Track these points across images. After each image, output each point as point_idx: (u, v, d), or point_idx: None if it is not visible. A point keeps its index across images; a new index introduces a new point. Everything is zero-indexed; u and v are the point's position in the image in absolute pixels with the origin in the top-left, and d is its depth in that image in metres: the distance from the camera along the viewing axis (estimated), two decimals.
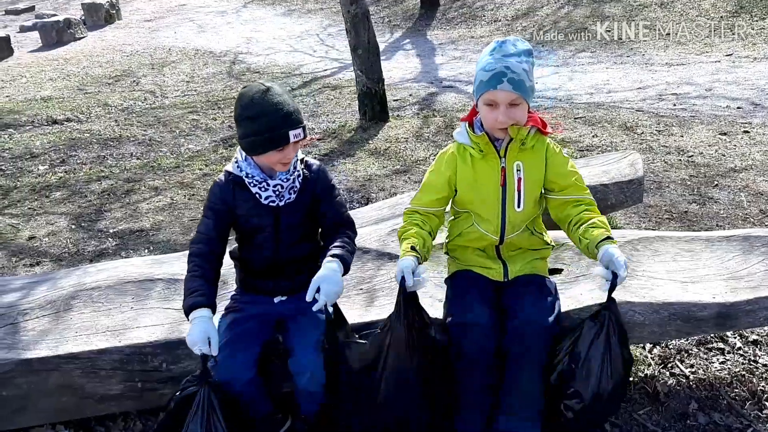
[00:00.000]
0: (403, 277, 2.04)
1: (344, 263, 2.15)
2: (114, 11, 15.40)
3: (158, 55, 11.86)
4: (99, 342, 2.31)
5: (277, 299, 2.32)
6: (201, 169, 5.69)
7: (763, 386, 2.61)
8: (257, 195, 2.18)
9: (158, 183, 5.37)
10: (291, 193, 2.22)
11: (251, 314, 2.27)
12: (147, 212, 4.75)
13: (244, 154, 2.19)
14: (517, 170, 2.23)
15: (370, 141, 6.30)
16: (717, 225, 4.07)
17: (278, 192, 2.19)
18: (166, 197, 5.03)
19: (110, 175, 5.64)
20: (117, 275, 2.66)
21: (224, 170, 2.26)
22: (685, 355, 2.82)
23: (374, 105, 6.92)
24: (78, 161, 6.17)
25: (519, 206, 2.25)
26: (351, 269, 2.24)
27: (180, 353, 2.30)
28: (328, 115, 7.57)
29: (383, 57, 7.24)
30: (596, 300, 2.35)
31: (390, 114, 7.12)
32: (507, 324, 2.18)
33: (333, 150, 6.12)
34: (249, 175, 2.17)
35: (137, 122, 7.55)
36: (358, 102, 7.07)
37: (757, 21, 9.70)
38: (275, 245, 2.25)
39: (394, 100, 7.93)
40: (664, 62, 8.92)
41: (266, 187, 2.18)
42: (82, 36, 13.76)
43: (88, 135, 7.03)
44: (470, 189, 2.28)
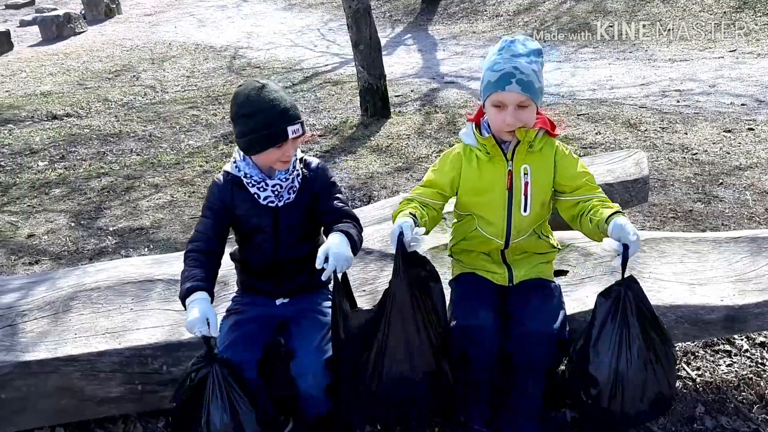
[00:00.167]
0: (402, 234, 1.96)
1: (349, 238, 2.05)
2: (114, 5, 15.36)
3: (158, 50, 11.82)
4: (98, 344, 2.28)
5: (279, 301, 2.28)
6: (201, 166, 5.66)
7: None
8: (256, 195, 2.15)
9: (158, 180, 5.34)
10: (290, 193, 2.18)
11: (253, 316, 2.24)
12: (147, 210, 4.72)
13: (243, 154, 2.16)
14: (524, 174, 2.18)
15: (372, 138, 6.26)
16: (722, 224, 4.04)
17: (277, 192, 2.16)
18: (167, 195, 5.00)
19: (110, 172, 5.61)
20: (116, 276, 2.63)
21: (223, 170, 2.22)
22: (692, 358, 2.79)
23: (376, 101, 6.88)
24: (78, 157, 6.13)
25: (525, 211, 2.21)
26: (353, 270, 2.20)
27: (180, 355, 2.27)
28: (329, 111, 7.53)
29: (384, 52, 7.20)
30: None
31: (392, 110, 7.08)
32: (511, 330, 2.15)
33: (334, 147, 6.09)
34: (247, 175, 2.14)
35: (137, 118, 7.51)
36: (360, 98, 7.03)
37: (761, 17, 9.64)
38: (275, 245, 2.21)
39: (396, 96, 7.88)
40: (667, 58, 8.87)
41: (265, 187, 2.14)
42: (82, 30, 13.72)
43: (88, 131, 7.00)
44: (475, 192, 2.23)
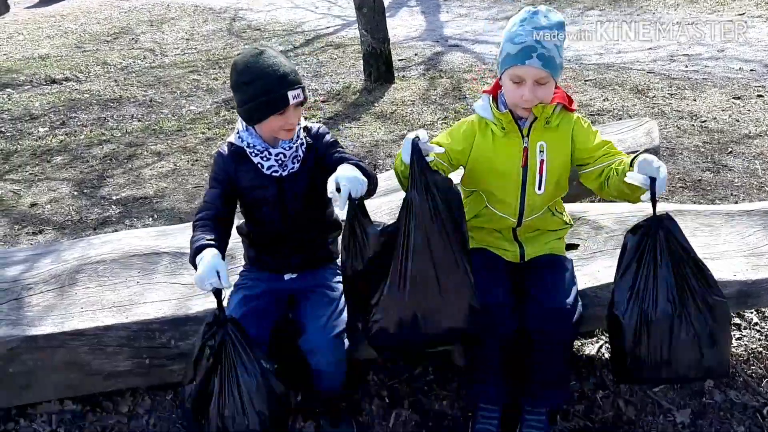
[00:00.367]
0: (416, 141, 1.88)
1: (359, 167, 1.96)
2: None
3: (157, 12, 11.63)
4: (105, 318, 2.26)
5: (287, 276, 2.26)
6: (204, 133, 5.59)
7: None
8: (259, 165, 2.10)
9: (160, 147, 5.28)
10: (295, 163, 2.14)
11: (261, 291, 2.22)
12: (150, 178, 4.67)
13: (246, 125, 2.11)
14: (540, 151, 2.13)
15: (376, 104, 6.18)
16: (732, 194, 4.00)
17: (281, 161, 2.11)
18: (169, 162, 4.95)
19: (111, 139, 5.54)
20: (122, 248, 2.60)
21: (227, 141, 2.17)
22: None
23: (379, 65, 6.77)
24: (78, 123, 6.06)
25: (540, 189, 2.16)
26: None
27: (188, 329, 2.26)
28: (332, 76, 7.42)
29: (387, 14, 7.06)
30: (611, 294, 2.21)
31: (395, 75, 6.98)
32: (527, 308, 2.13)
33: (338, 113, 6.00)
34: (250, 145, 2.09)
35: (137, 82, 7.41)
36: (363, 62, 6.91)
37: None
38: (281, 216, 2.17)
39: (399, 60, 7.77)
40: (675, 21, 8.72)
41: (268, 157, 2.09)
42: None
43: (88, 95, 6.91)
44: (487, 168, 2.17)
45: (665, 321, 1.95)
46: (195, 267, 1.94)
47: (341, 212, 1.88)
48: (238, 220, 2.32)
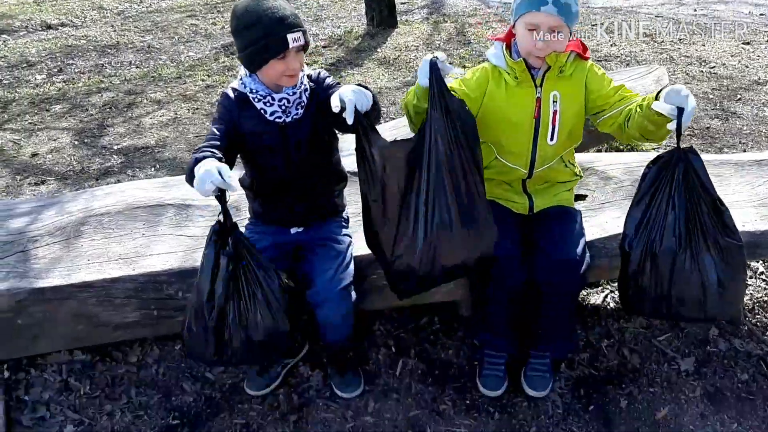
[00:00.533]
0: (434, 60, 1.81)
1: (360, 85, 1.91)
2: None
3: None
4: (112, 270, 2.26)
5: (294, 230, 2.25)
6: (203, 80, 5.50)
7: None
8: (262, 111, 2.06)
9: (160, 96, 5.20)
10: (298, 109, 2.09)
11: (269, 244, 2.20)
12: (151, 127, 4.62)
13: (248, 72, 2.06)
14: (554, 101, 2.08)
15: (379, 49, 6.06)
16: (740, 142, 3.95)
17: (284, 107, 2.06)
18: (170, 111, 4.88)
19: (110, 87, 5.46)
20: (126, 200, 2.59)
21: (230, 87, 2.13)
22: None
23: (382, 9, 6.63)
24: (76, 70, 5.97)
25: (552, 140, 2.12)
26: None
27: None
28: (333, 20, 7.27)
29: None
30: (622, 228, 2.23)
31: (398, 19, 6.83)
32: (535, 259, 2.13)
33: (340, 59, 5.90)
34: (253, 91, 2.04)
35: (134, 27, 7.27)
36: (365, 6, 6.76)
37: None
38: (285, 163, 2.13)
39: (401, 3, 7.60)
40: None
41: (271, 102, 2.05)
42: None
43: (85, 41, 6.79)
44: (499, 119, 2.12)
45: (668, 255, 1.89)
46: (192, 180, 1.82)
47: (350, 119, 1.79)
48: (240, 171, 2.29)
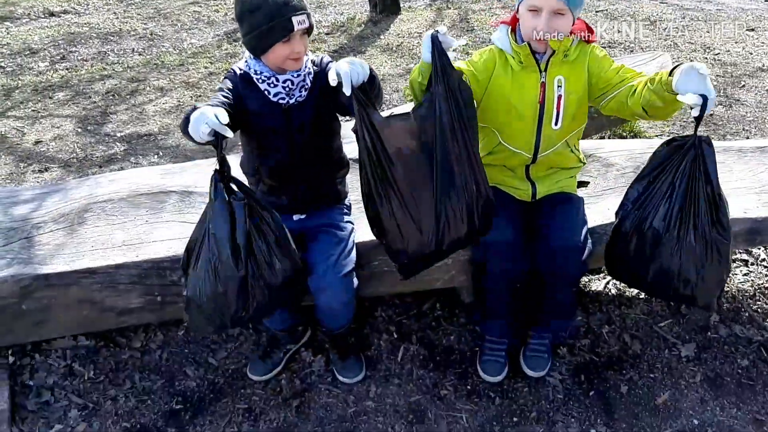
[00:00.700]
0: (435, 34, 1.78)
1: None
2: None
3: None
4: (115, 257, 2.27)
5: (296, 217, 2.25)
6: (206, 68, 5.50)
7: None
8: (266, 92, 2.06)
9: (163, 83, 5.20)
10: (302, 91, 2.09)
11: None
12: (154, 115, 4.62)
13: (253, 55, 2.06)
14: (558, 86, 2.07)
15: (382, 36, 6.04)
16: (743, 129, 3.95)
17: (288, 89, 2.06)
18: (173, 98, 4.88)
19: (113, 74, 5.46)
20: (129, 187, 2.60)
21: (236, 66, 2.12)
22: None
23: None
24: (79, 57, 5.96)
25: (556, 124, 2.11)
26: None
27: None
28: (336, 6, 7.25)
29: None
30: None
31: (401, 5, 6.80)
32: (537, 245, 2.14)
33: (342, 46, 5.88)
34: (257, 72, 2.04)
35: (137, 14, 7.25)
36: None
37: None
38: (288, 146, 2.13)
39: None
40: None
41: (275, 84, 2.05)
42: None
43: (87, 29, 6.77)
44: (503, 103, 2.11)
45: (654, 236, 1.91)
46: (187, 128, 1.78)
47: (348, 90, 1.76)
48: (238, 156, 2.30)
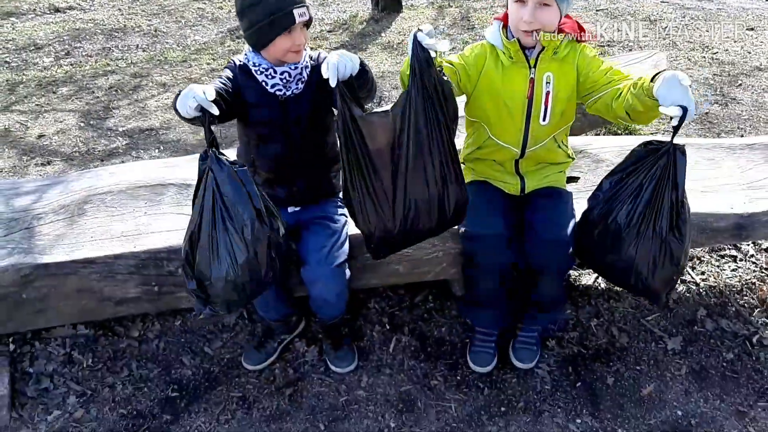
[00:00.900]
0: (416, 34, 1.77)
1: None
2: None
3: None
4: (114, 247, 2.32)
5: (291, 209, 2.30)
6: (209, 64, 5.55)
7: None
8: (264, 83, 2.11)
9: (166, 79, 5.26)
10: (299, 84, 2.14)
11: None
12: (156, 110, 4.68)
13: (253, 49, 2.11)
14: (547, 83, 2.11)
15: (383, 33, 6.08)
16: (738, 128, 3.97)
17: (285, 81, 2.11)
18: (175, 94, 4.93)
19: (117, 70, 5.52)
20: (129, 179, 2.65)
21: (235, 57, 2.17)
22: (697, 263, 2.83)
23: None
24: (83, 53, 6.02)
25: (544, 120, 2.15)
26: None
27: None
28: (338, 4, 7.29)
29: None
30: None
31: (403, 3, 6.84)
32: (526, 239, 2.18)
33: (344, 43, 5.93)
34: (256, 64, 2.09)
35: (141, 11, 7.31)
36: None
37: None
38: (284, 138, 2.17)
39: None
40: None
41: (273, 75, 2.10)
42: None
43: (92, 25, 6.83)
44: (493, 97, 2.15)
45: (615, 229, 1.98)
46: (177, 109, 1.85)
47: (333, 81, 1.79)
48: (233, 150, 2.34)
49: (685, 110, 1.72)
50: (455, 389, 2.31)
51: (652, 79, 1.83)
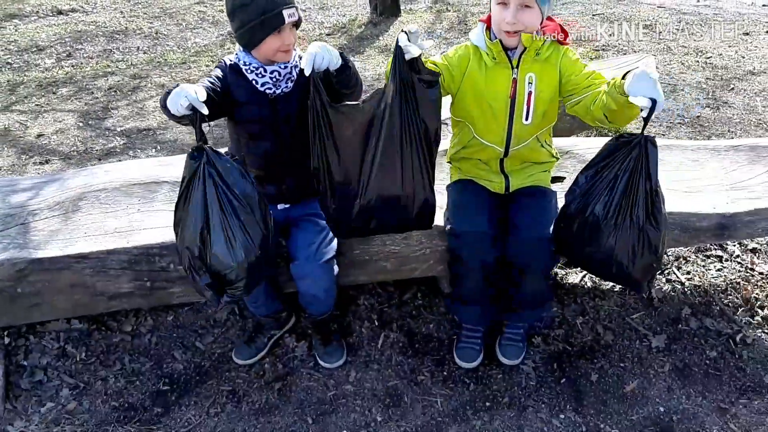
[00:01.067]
0: (398, 39, 1.85)
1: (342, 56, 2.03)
2: None
3: None
4: (107, 243, 2.36)
5: (281, 206, 2.34)
6: (207, 66, 5.60)
7: (758, 294, 2.66)
8: (254, 82, 2.15)
9: (164, 80, 5.31)
10: (288, 83, 2.19)
11: None
12: (154, 111, 4.73)
13: (243, 49, 2.16)
14: (529, 83, 2.15)
15: (381, 37, 6.13)
16: (729, 131, 4.01)
17: (275, 79, 2.16)
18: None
19: (116, 71, 5.58)
20: (123, 177, 2.69)
21: (227, 57, 2.22)
22: (683, 262, 2.86)
23: None
24: (84, 55, 6.08)
25: (527, 119, 2.20)
26: None
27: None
28: (338, 8, 7.35)
29: None
30: None
31: (402, 8, 6.89)
32: (509, 238, 2.22)
33: (342, 46, 5.98)
34: (246, 63, 2.14)
35: (143, 14, 7.37)
36: None
37: None
38: (274, 135, 2.22)
39: None
40: None
41: (263, 74, 2.15)
42: None
43: (94, 27, 6.90)
44: (477, 97, 2.20)
45: (593, 221, 2.03)
46: (166, 109, 1.92)
47: (308, 69, 1.89)
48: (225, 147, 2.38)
49: (654, 102, 1.79)
50: (441, 384, 2.34)
51: (624, 77, 1.89)
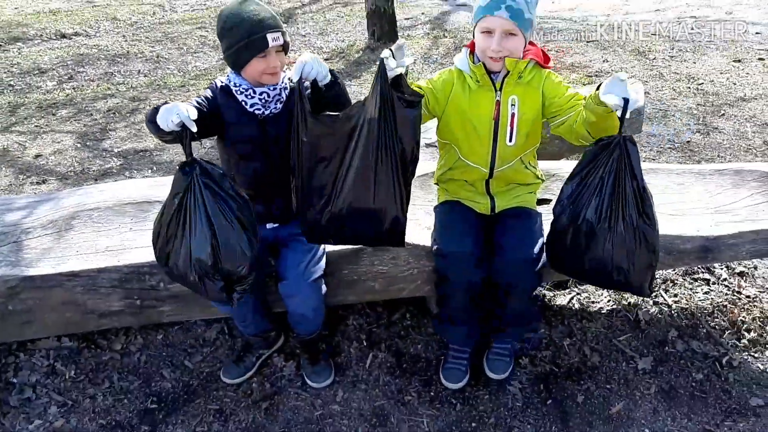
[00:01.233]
0: (382, 58, 1.89)
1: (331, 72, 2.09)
2: None
3: None
4: (98, 261, 2.39)
5: (269, 225, 2.37)
6: (206, 89, 5.67)
7: (744, 317, 2.68)
8: (243, 102, 2.20)
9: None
10: (278, 104, 2.23)
11: None
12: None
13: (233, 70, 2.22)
14: (512, 105, 2.20)
15: (377, 62, 6.21)
16: (718, 156, 4.05)
17: (264, 101, 2.20)
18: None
19: (116, 93, 5.65)
20: (117, 197, 2.72)
21: (218, 79, 2.27)
22: (671, 285, 2.88)
23: (383, 24, 6.79)
24: (86, 78, 6.16)
25: (510, 141, 2.24)
26: None
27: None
28: (337, 34, 7.46)
29: None
30: None
31: (400, 34, 6.99)
32: (495, 258, 2.24)
33: (339, 71, 6.06)
34: (236, 84, 2.19)
35: (145, 38, 7.48)
36: (367, 21, 6.94)
37: None
38: (264, 156, 2.26)
39: (406, 19, 7.79)
40: None
41: (252, 95, 2.19)
42: None
43: (96, 50, 6.99)
44: (461, 120, 2.24)
45: (588, 227, 2.04)
46: (154, 118, 1.97)
47: (296, 76, 1.96)
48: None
49: (627, 101, 1.86)
50: (428, 405, 2.35)
51: (598, 88, 1.95)
